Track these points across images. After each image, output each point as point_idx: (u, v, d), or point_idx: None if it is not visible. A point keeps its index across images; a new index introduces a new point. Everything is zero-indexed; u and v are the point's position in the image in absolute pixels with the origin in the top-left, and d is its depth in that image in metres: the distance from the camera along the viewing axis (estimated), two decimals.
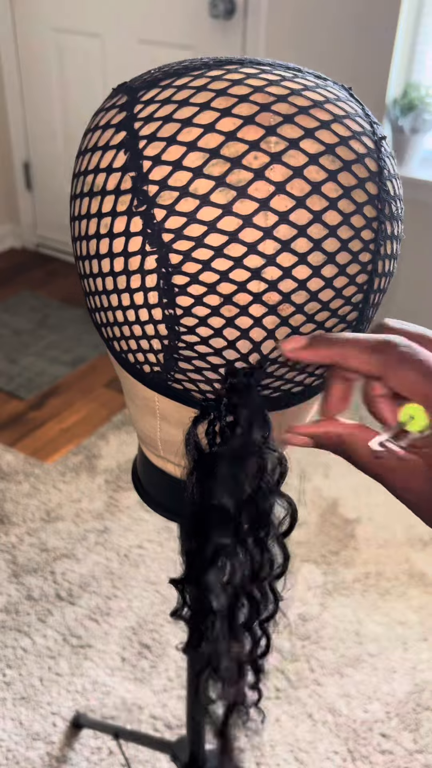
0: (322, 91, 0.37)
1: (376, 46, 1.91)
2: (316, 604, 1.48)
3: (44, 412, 2.02)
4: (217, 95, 0.35)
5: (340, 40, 1.95)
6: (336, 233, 0.35)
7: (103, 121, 0.39)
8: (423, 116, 1.97)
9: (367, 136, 0.37)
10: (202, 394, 0.41)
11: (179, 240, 0.35)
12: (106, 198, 0.37)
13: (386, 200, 0.37)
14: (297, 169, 0.34)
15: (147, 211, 0.35)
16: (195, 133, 0.34)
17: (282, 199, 0.34)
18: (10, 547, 1.57)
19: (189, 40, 2.20)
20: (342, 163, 0.35)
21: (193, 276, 0.35)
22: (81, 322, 2.43)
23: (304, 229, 0.34)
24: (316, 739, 1.24)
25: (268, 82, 0.36)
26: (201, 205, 0.34)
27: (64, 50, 2.50)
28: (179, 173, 0.34)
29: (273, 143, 0.34)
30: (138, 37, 2.30)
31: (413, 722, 1.28)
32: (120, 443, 1.90)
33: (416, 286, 2.16)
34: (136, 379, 0.43)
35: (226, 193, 0.34)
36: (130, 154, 0.36)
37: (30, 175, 2.84)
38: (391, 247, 0.39)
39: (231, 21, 2.10)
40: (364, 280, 0.38)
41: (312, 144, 0.35)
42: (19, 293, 2.63)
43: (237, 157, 0.34)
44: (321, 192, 0.35)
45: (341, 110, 0.37)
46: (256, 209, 0.34)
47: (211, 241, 0.34)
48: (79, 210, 0.39)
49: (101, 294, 0.39)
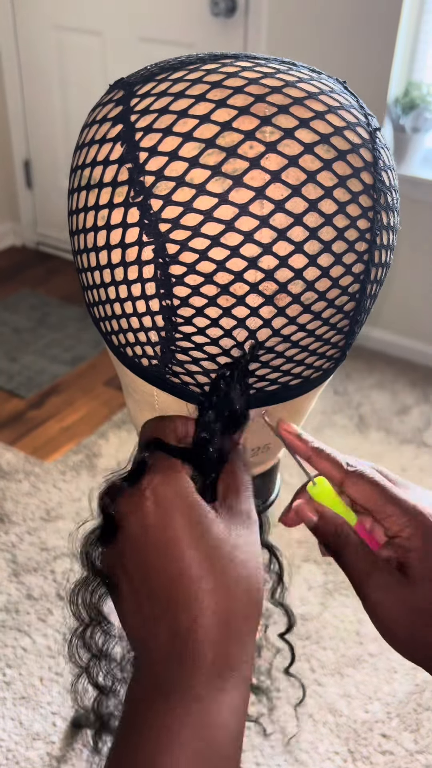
0: (317, 83, 0.38)
1: (377, 44, 1.91)
2: (317, 604, 1.48)
3: (44, 410, 2.02)
4: (212, 87, 0.35)
5: (341, 39, 1.94)
6: (332, 222, 0.35)
7: (100, 116, 0.39)
8: (424, 115, 1.97)
9: (361, 127, 0.37)
10: (200, 388, 0.41)
11: (176, 230, 0.35)
12: (103, 190, 0.37)
13: (382, 190, 0.38)
14: (292, 158, 0.34)
15: (144, 202, 0.35)
16: (190, 124, 0.35)
17: (277, 187, 0.34)
18: (10, 546, 1.57)
19: (190, 38, 2.20)
20: (337, 153, 0.35)
21: (190, 266, 0.35)
22: (81, 321, 2.43)
23: (300, 217, 0.35)
24: (316, 739, 1.24)
25: (262, 75, 0.36)
26: (197, 195, 0.34)
27: (64, 48, 2.50)
28: (175, 163, 0.34)
29: (268, 133, 0.34)
30: (139, 35, 2.29)
31: (414, 722, 1.27)
32: (120, 442, 1.89)
33: (416, 284, 2.16)
34: (135, 373, 0.43)
35: (222, 182, 0.34)
36: (126, 146, 0.36)
37: (30, 173, 2.84)
38: (388, 238, 0.39)
39: (232, 19, 2.09)
40: (360, 269, 0.38)
41: (307, 134, 0.35)
42: (19, 291, 2.63)
43: (232, 147, 0.34)
44: (316, 180, 0.35)
45: (336, 101, 0.37)
46: (252, 198, 0.34)
47: (208, 230, 0.34)
48: (77, 203, 0.39)
49: (99, 287, 0.39)
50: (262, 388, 0.41)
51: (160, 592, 0.34)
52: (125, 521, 0.35)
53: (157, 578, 0.34)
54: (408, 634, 0.38)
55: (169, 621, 0.33)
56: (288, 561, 0.53)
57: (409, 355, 2.28)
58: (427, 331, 2.24)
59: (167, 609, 0.33)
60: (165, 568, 0.34)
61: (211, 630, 0.32)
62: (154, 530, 0.34)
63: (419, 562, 0.38)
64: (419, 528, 0.38)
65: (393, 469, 1.84)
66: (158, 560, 0.34)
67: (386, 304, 2.20)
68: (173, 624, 0.33)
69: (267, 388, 0.41)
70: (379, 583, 0.38)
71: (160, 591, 0.34)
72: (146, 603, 0.34)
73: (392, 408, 2.08)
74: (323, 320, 0.38)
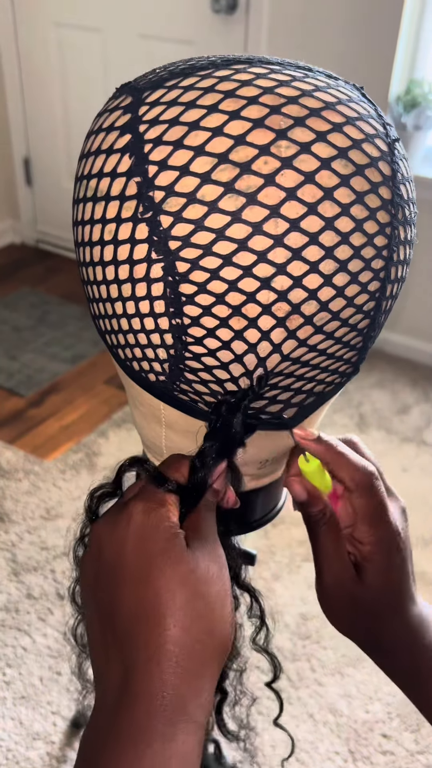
0: (334, 92, 0.36)
1: (379, 42, 1.90)
2: (317, 603, 1.47)
3: (44, 409, 2.01)
4: (226, 97, 0.34)
5: (342, 36, 1.94)
6: (348, 240, 0.34)
7: (107, 123, 0.37)
8: (426, 113, 1.96)
9: (380, 139, 0.36)
10: (207, 406, 0.40)
11: (186, 248, 0.33)
12: (110, 203, 0.35)
13: (400, 205, 0.36)
14: (309, 175, 0.33)
15: (153, 218, 0.34)
16: (203, 137, 0.33)
17: (293, 205, 0.33)
18: (10, 546, 1.57)
19: (191, 35, 2.19)
20: (355, 168, 0.34)
21: (201, 285, 0.34)
22: (81, 319, 2.42)
23: (316, 236, 0.33)
24: (317, 739, 1.24)
25: (278, 83, 0.35)
26: (209, 212, 0.33)
27: (64, 45, 2.49)
28: (186, 179, 0.33)
29: (284, 147, 0.33)
30: (139, 32, 2.29)
31: (414, 723, 1.27)
32: (120, 440, 1.89)
33: (417, 283, 2.16)
34: (141, 387, 0.42)
35: (235, 200, 0.33)
36: (135, 158, 0.34)
37: (30, 171, 2.83)
38: (404, 253, 0.38)
39: (233, 16, 2.08)
40: (376, 287, 0.36)
41: (324, 148, 0.33)
42: (18, 289, 2.62)
43: (246, 162, 0.33)
44: (333, 198, 0.33)
45: (354, 112, 0.35)
46: (266, 216, 0.33)
47: (220, 249, 0.33)
48: (83, 215, 0.38)
49: (105, 301, 0.38)
50: (276, 412, 0.40)
51: (123, 624, 0.33)
52: (103, 543, 0.36)
53: (121, 607, 0.34)
54: (348, 621, 0.43)
55: (126, 655, 0.33)
56: (288, 560, 0.53)
57: (409, 354, 2.28)
58: (427, 329, 2.23)
59: (125, 642, 0.33)
60: (131, 599, 0.33)
61: (167, 671, 0.32)
62: (129, 558, 0.34)
63: (374, 571, 0.42)
64: (387, 546, 0.42)
65: (394, 469, 1.84)
66: (126, 589, 0.34)
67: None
68: (129, 659, 0.33)
69: (283, 412, 0.40)
70: (336, 573, 0.42)
71: (122, 622, 0.33)
72: (108, 632, 0.34)
73: (392, 407, 2.08)
74: (336, 339, 0.37)
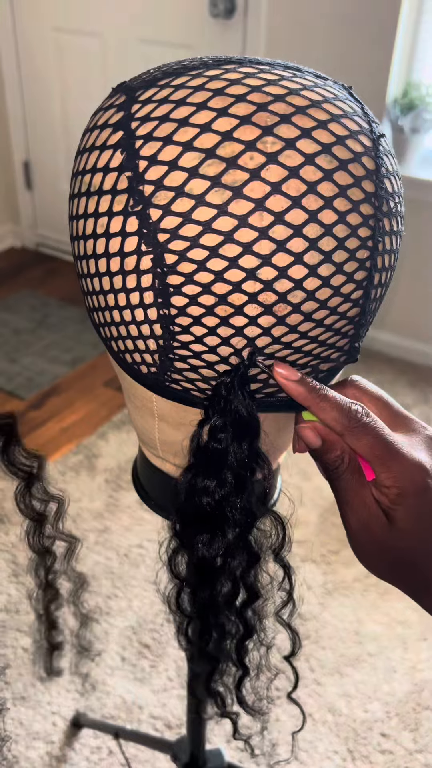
0: (321, 90, 0.37)
1: (376, 45, 1.91)
2: (316, 604, 1.48)
3: (44, 411, 2.02)
4: (214, 95, 0.35)
5: (340, 40, 1.95)
6: (332, 232, 0.35)
7: (101, 121, 0.39)
8: (423, 116, 1.97)
9: (364, 135, 0.37)
10: (201, 393, 0.41)
11: (174, 240, 0.35)
12: (102, 198, 0.37)
13: (384, 197, 0.37)
14: (293, 169, 0.34)
15: (143, 211, 0.35)
16: (191, 133, 0.34)
17: (277, 199, 0.34)
18: (10, 547, 1.57)
19: (189, 39, 2.20)
20: (338, 163, 0.35)
21: (188, 276, 0.35)
22: (81, 322, 2.43)
23: (300, 229, 0.34)
24: (315, 738, 1.24)
25: (266, 82, 0.36)
26: (196, 206, 0.34)
27: (64, 49, 2.50)
28: (175, 173, 0.34)
29: (269, 143, 0.34)
30: (138, 36, 2.30)
31: (413, 722, 1.28)
32: (120, 442, 1.90)
33: (416, 284, 2.16)
34: (134, 379, 0.43)
35: (221, 194, 0.34)
36: (126, 154, 0.36)
37: (30, 175, 2.84)
38: (391, 243, 0.39)
39: (231, 20, 2.09)
40: (363, 276, 0.37)
41: (309, 144, 0.35)
42: (18, 292, 2.63)
43: (233, 158, 0.34)
44: (317, 191, 0.35)
45: (339, 109, 0.37)
46: (251, 209, 0.34)
47: (207, 241, 0.34)
48: (77, 209, 0.39)
49: (98, 294, 0.40)
50: (274, 394, 0.41)
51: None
52: None
53: None
54: (387, 569, 0.40)
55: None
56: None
57: (408, 356, 2.29)
58: (426, 331, 2.24)
59: None
60: None
61: None
62: None
63: (406, 516, 0.38)
64: (412, 484, 0.37)
65: None
66: None
67: (385, 305, 2.20)
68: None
69: (278, 395, 0.41)
70: (363, 521, 0.39)
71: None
72: None
73: None
74: (326, 327, 0.38)
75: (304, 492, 1.72)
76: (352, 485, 0.39)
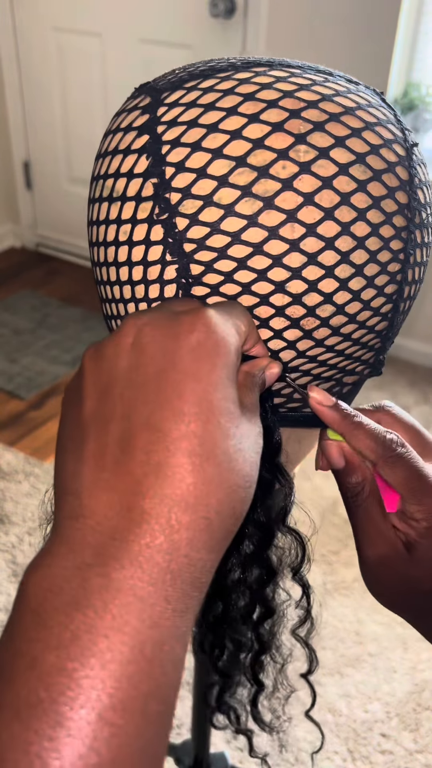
0: (354, 97, 0.36)
1: (376, 45, 1.91)
2: (316, 604, 1.48)
3: (44, 411, 2.02)
4: (245, 99, 0.34)
5: (340, 39, 1.95)
6: (364, 245, 0.34)
7: (125, 123, 0.37)
8: (423, 116, 1.97)
9: (398, 144, 0.36)
10: None
11: (201, 250, 0.34)
12: (126, 204, 0.35)
13: (416, 209, 0.36)
14: (326, 180, 0.33)
15: (168, 220, 0.34)
16: (221, 140, 0.33)
17: (310, 210, 0.33)
18: (10, 547, 1.57)
19: (189, 39, 2.20)
20: (372, 173, 0.34)
21: (214, 287, 0.34)
22: (81, 322, 2.43)
23: (332, 241, 0.33)
24: (316, 738, 1.24)
25: (298, 87, 0.35)
26: (225, 216, 0.33)
27: (64, 49, 2.50)
28: (203, 181, 0.33)
29: (302, 152, 0.33)
30: (138, 36, 2.30)
31: (413, 722, 1.28)
32: None
33: None
34: None
35: (251, 204, 0.33)
36: (152, 159, 0.34)
37: (30, 175, 2.84)
38: (421, 255, 0.38)
39: (231, 20, 2.09)
40: (393, 290, 0.37)
41: (342, 153, 0.33)
42: (19, 293, 2.63)
43: (264, 166, 0.33)
44: (350, 203, 0.33)
45: (373, 117, 0.35)
46: (282, 221, 0.33)
47: (235, 252, 0.33)
48: (98, 215, 0.38)
49: (118, 302, 0.38)
50: (298, 409, 0.40)
51: (138, 442, 0.27)
52: (148, 336, 0.28)
53: (142, 420, 0.27)
54: (400, 601, 0.39)
55: (131, 482, 0.26)
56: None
57: (408, 356, 2.29)
58: (426, 331, 2.24)
59: (137, 468, 0.26)
60: (160, 408, 0.27)
61: (175, 510, 0.25)
62: (181, 356, 0.28)
63: (430, 546, 0.36)
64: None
65: None
66: (160, 395, 0.27)
67: None
68: (135, 486, 0.26)
69: (303, 410, 0.40)
70: (380, 551, 0.37)
71: (138, 440, 0.27)
72: (114, 447, 0.27)
73: None
74: (353, 340, 0.37)
75: (304, 492, 1.72)
76: (371, 516, 0.38)
